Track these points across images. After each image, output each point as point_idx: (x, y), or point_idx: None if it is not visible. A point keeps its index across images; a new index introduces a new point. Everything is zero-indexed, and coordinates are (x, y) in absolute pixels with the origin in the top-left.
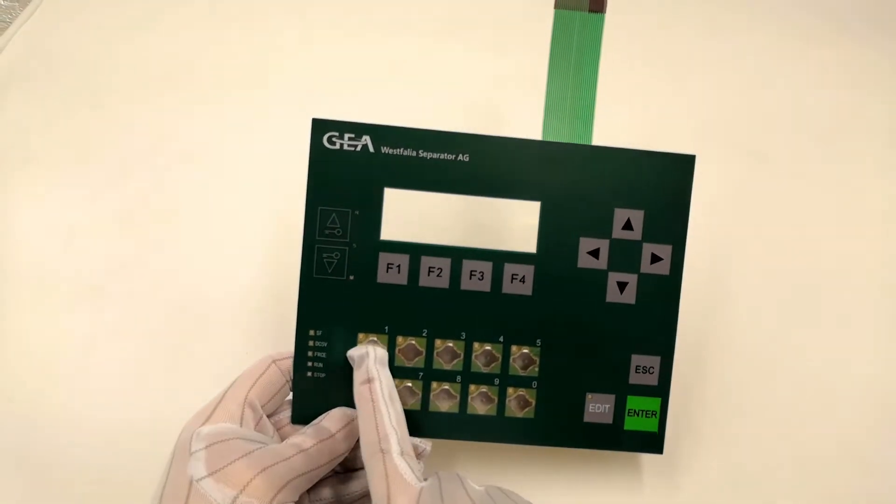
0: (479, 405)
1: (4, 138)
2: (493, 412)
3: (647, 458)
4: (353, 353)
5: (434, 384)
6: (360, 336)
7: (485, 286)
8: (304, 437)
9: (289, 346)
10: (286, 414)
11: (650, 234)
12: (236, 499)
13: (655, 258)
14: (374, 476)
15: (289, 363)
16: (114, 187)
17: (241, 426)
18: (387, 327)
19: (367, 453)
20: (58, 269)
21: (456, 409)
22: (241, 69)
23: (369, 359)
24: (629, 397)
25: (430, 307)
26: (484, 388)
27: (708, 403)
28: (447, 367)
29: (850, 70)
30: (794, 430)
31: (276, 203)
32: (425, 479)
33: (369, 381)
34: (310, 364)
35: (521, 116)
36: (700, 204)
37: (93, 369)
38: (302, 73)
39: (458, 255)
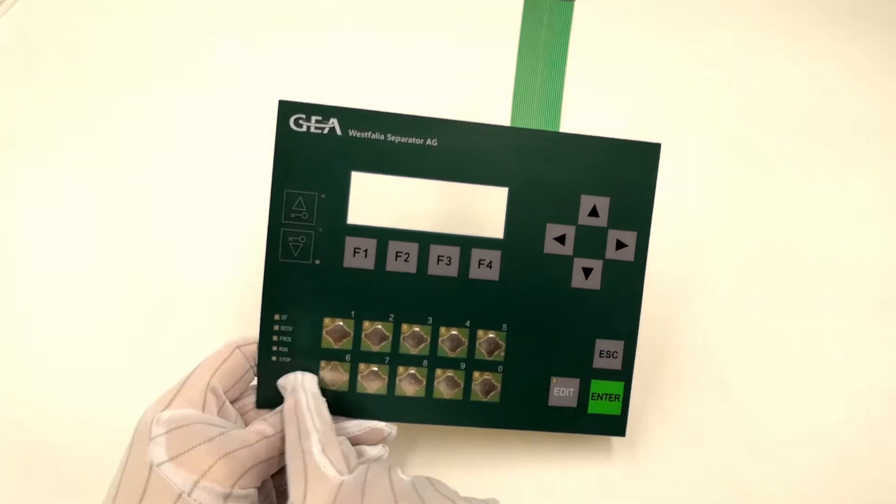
0: (446, 389)
1: None
2: (460, 396)
3: (611, 441)
4: (282, 381)
5: (400, 369)
6: (326, 321)
7: (452, 271)
8: (266, 423)
9: (255, 331)
10: (251, 399)
11: (616, 221)
12: (197, 484)
13: (620, 244)
14: (292, 474)
15: (253, 349)
16: (89, 174)
17: (202, 412)
18: (353, 312)
19: (289, 457)
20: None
21: (422, 394)
22: (206, 53)
23: (298, 382)
24: (593, 381)
25: (397, 292)
26: (450, 373)
27: (671, 387)
28: (414, 351)
29: (833, 63)
30: (757, 413)
31: (246, 187)
32: (351, 473)
33: (295, 397)
34: (275, 349)
35: (490, 103)
36: (668, 191)
37: (62, 355)
38: (272, 58)
39: (425, 239)
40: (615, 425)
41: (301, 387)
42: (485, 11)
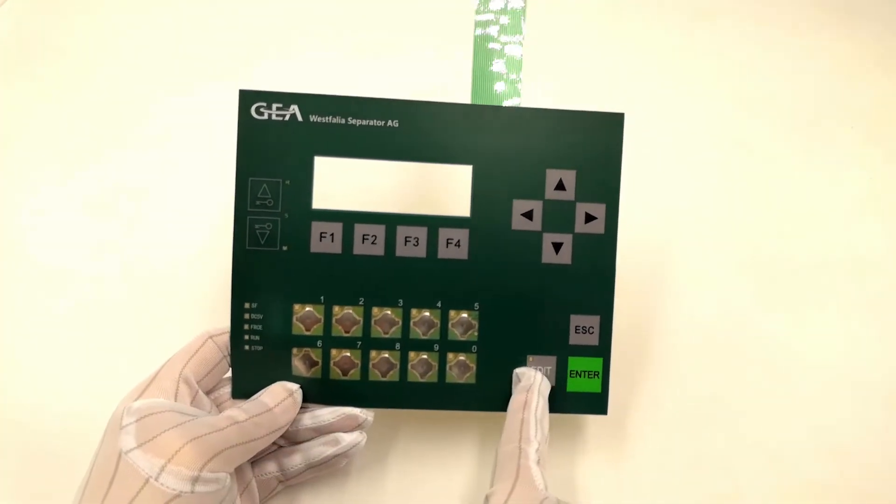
0: (420, 373)
1: None
2: (434, 379)
3: (591, 420)
4: (519, 371)
5: (373, 353)
6: (296, 307)
7: (420, 252)
8: (239, 410)
9: (226, 321)
10: (227, 390)
11: (583, 194)
12: (164, 468)
13: (590, 217)
14: (502, 469)
15: (225, 338)
16: (72, 169)
17: (174, 401)
18: (322, 297)
19: (504, 451)
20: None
21: (396, 378)
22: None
23: (535, 382)
24: (570, 358)
25: (366, 275)
26: (424, 355)
27: (651, 362)
28: (386, 335)
29: (829, 59)
30: (736, 383)
31: (213, 176)
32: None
33: (527, 397)
34: (247, 338)
35: (450, 79)
36: (637, 163)
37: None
38: (233, 45)
39: (392, 221)
40: (596, 403)
41: (537, 389)
42: None
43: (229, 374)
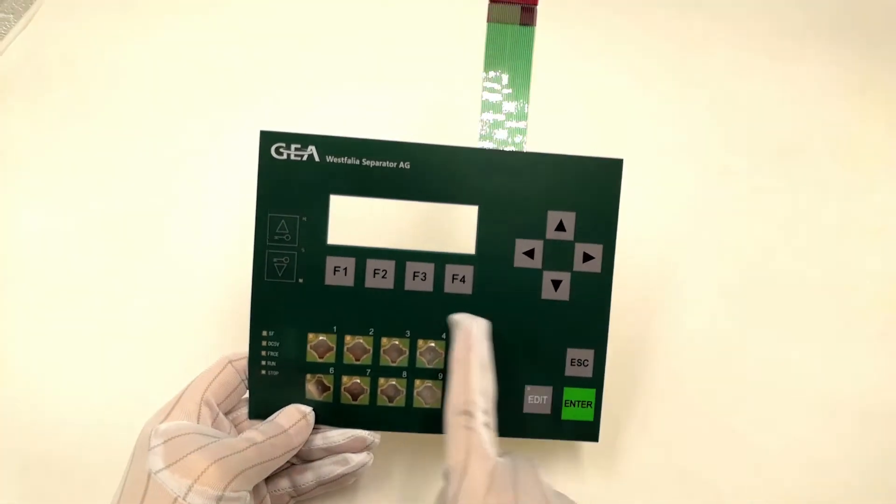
0: (425, 399)
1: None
2: (438, 405)
3: (585, 446)
4: (455, 317)
5: (381, 380)
6: (310, 336)
7: (427, 286)
8: (257, 431)
9: (245, 347)
10: (244, 411)
11: (582, 235)
12: (191, 487)
13: (587, 257)
14: (452, 437)
15: (244, 363)
16: (96, 194)
17: (197, 423)
18: (335, 327)
19: (450, 413)
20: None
21: (403, 403)
22: (217, 81)
23: (471, 326)
24: (566, 388)
25: (376, 307)
26: (429, 383)
27: (642, 392)
28: (393, 363)
29: (811, 88)
30: (725, 415)
31: (235, 210)
32: (500, 456)
33: (467, 344)
34: (263, 363)
35: (459, 124)
36: (635, 204)
37: (69, 372)
38: (258, 85)
39: (401, 257)
40: (589, 431)
41: (476, 336)
42: (451, 38)
43: (246, 395)
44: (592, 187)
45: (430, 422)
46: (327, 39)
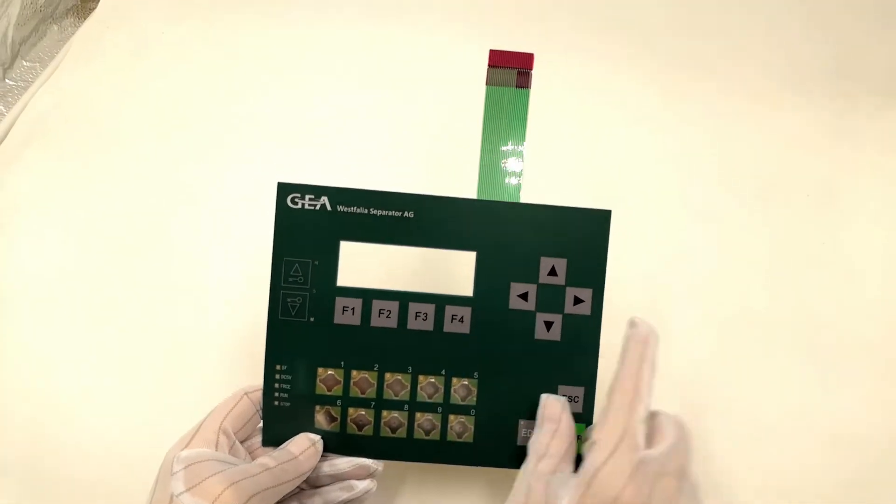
0: (425, 430)
1: (22, 187)
2: (437, 436)
3: None
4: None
5: (385, 412)
6: (320, 370)
7: (428, 325)
8: (270, 458)
9: (260, 379)
10: (259, 439)
11: (573, 279)
12: None
13: (578, 300)
14: (612, 416)
15: (259, 395)
16: (114, 229)
17: (216, 450)
18: (343, 362)
19: (616, 394)
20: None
21: (404, 434)
22: (230, 129)
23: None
24: None
25: (381, 344)
26: (429, 416)
27: None
28: (396, 397)
29: (783, 130)
30: (708, 447)
31: (251, 253)
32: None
33: (645, 351)
34: (277, 395)
35: (459, 177)
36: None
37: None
38: (272, 135)
39: (404, 298)
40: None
41: (652, 346)
42: (453, 100)
43: (261, 425)
44: (583, 236)
45: (430, 452)
46: (335, 97)
